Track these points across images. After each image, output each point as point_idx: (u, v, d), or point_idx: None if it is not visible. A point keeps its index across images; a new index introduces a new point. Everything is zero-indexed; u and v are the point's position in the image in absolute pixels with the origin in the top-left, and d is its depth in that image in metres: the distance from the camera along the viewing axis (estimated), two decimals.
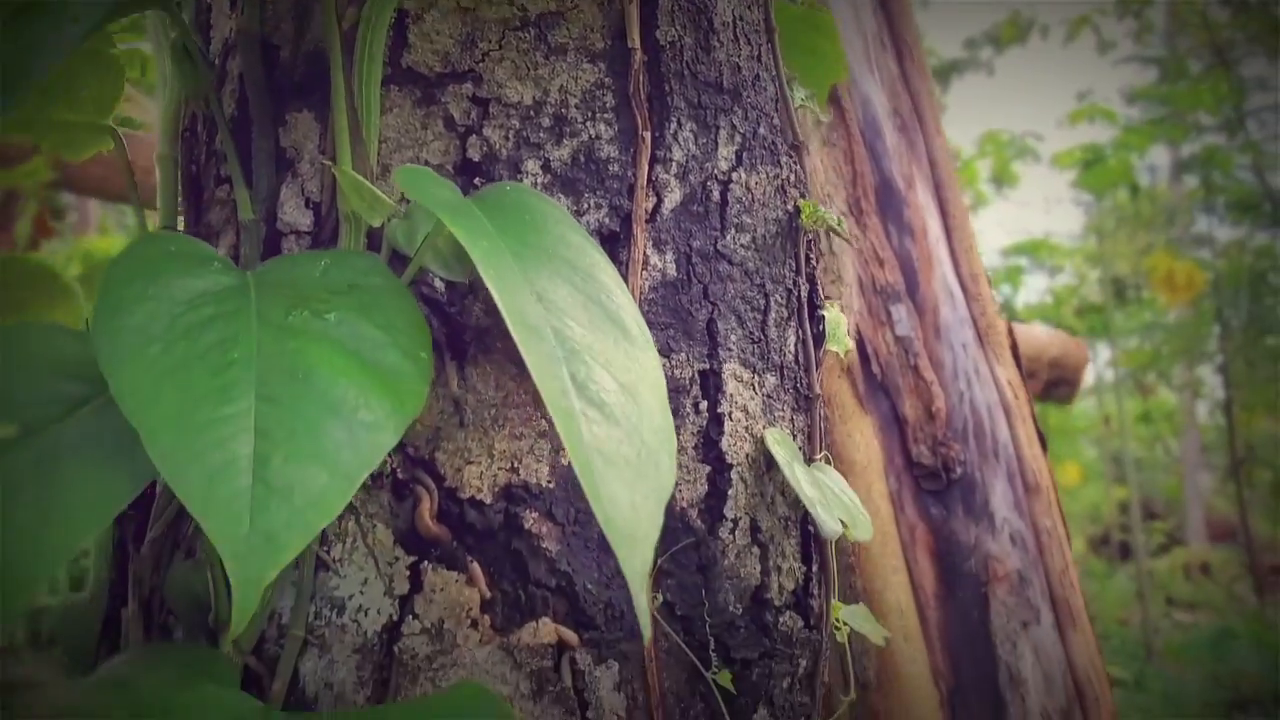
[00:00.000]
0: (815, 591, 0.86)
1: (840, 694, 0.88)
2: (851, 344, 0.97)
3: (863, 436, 1.40)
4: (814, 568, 0.85)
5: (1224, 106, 11.14)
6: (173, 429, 0.50)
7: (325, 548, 0.69)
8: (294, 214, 0.74)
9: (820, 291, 0.92)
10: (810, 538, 0.86)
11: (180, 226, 0.81)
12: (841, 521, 0.80)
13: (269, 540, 0.48)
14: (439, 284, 0.73)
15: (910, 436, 1.43)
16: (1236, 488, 8.02)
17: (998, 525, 1.43)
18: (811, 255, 0.90)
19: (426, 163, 0.74)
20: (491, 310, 0.74)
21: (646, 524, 0.52)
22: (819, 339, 0.91)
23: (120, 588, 0.74)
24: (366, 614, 0.68)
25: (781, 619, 0.81)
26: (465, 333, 0.73)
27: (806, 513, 0.86)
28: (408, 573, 0.68)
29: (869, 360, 1.42)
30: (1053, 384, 2.02)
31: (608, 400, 0.59)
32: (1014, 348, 1.55)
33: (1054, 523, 1.49)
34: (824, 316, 0.92)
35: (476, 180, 0.74)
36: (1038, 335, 1.99)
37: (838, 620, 0.90)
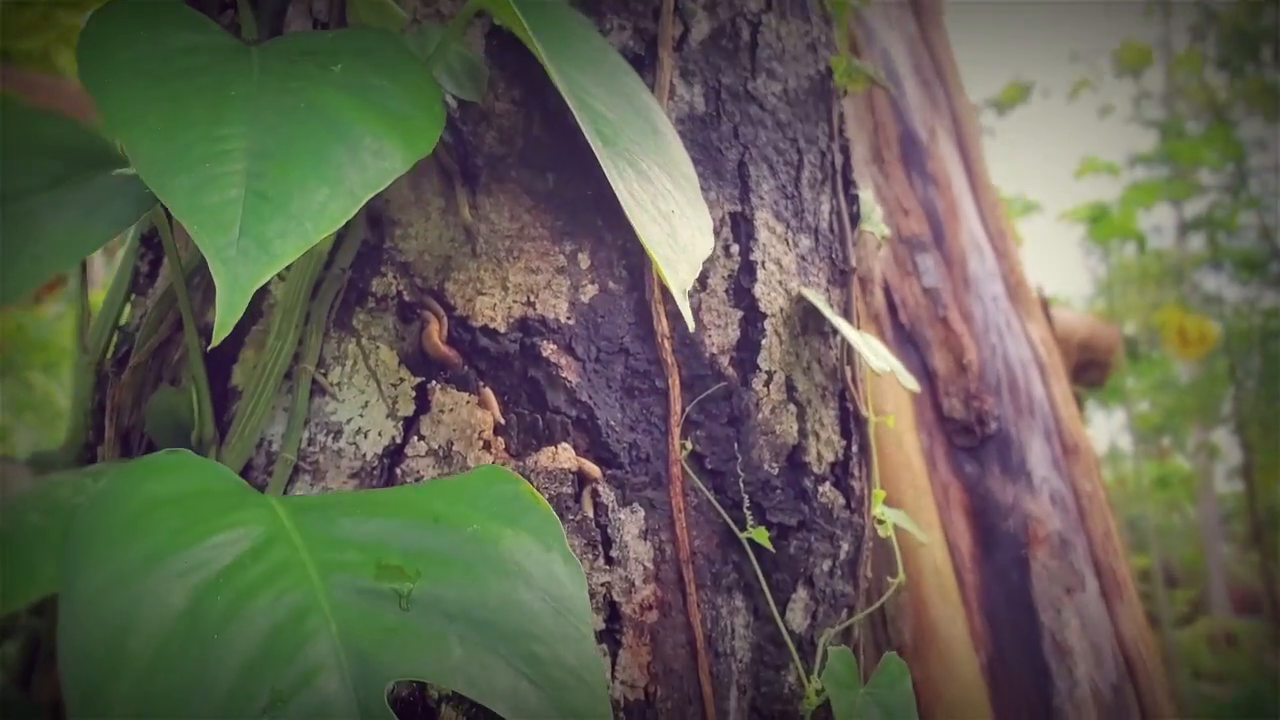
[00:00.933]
0: (856, 472, 0.78)
1: (887, 578, 0.80)
2: (884, 233, 0.91)
3: (891, 388, 1.33)
4: (854, 446, 0.78)
5: (1226, 165, 11.24)
6: (160, 142, 0.45)
7: (322, 370, 0.63)
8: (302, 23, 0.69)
9: (853, 166, 0.87)
10: (849, 415, 0.79)
11: None
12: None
13: (261, 246, 0.42)
14: (450, 100, 0.67)
15: (941, 390, 1.36)
16: (1260, 556, 7.84)
17: (1036, 484, 1.35)
18: (844, 125, 0.85)
19: None
20: (506, 139, 0.69)
21: (691, 235, 0.47)
22: (854, 216, 0.86)
23: (99, 425, 0.67)
24: (366, 436, 0.61)
25: (821, 490, 0.74)
26: (478, 157, 0.68)
27: (845, 387, 0.79)
28: (413, 394, 0.62)
29: (896, 310, 1.36)
30: (1083, 366, 1.94)
31: (651, 174, 0.55)
32: (1044, 306, 1.48)
33: (1095, 487, 1.41)
34: (858, 195, 0.87)
35: None
36: (1065, 318, 1.92)
37: (880, 515, 0.82)
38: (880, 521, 0.82)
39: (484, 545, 0.46)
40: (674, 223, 0.55)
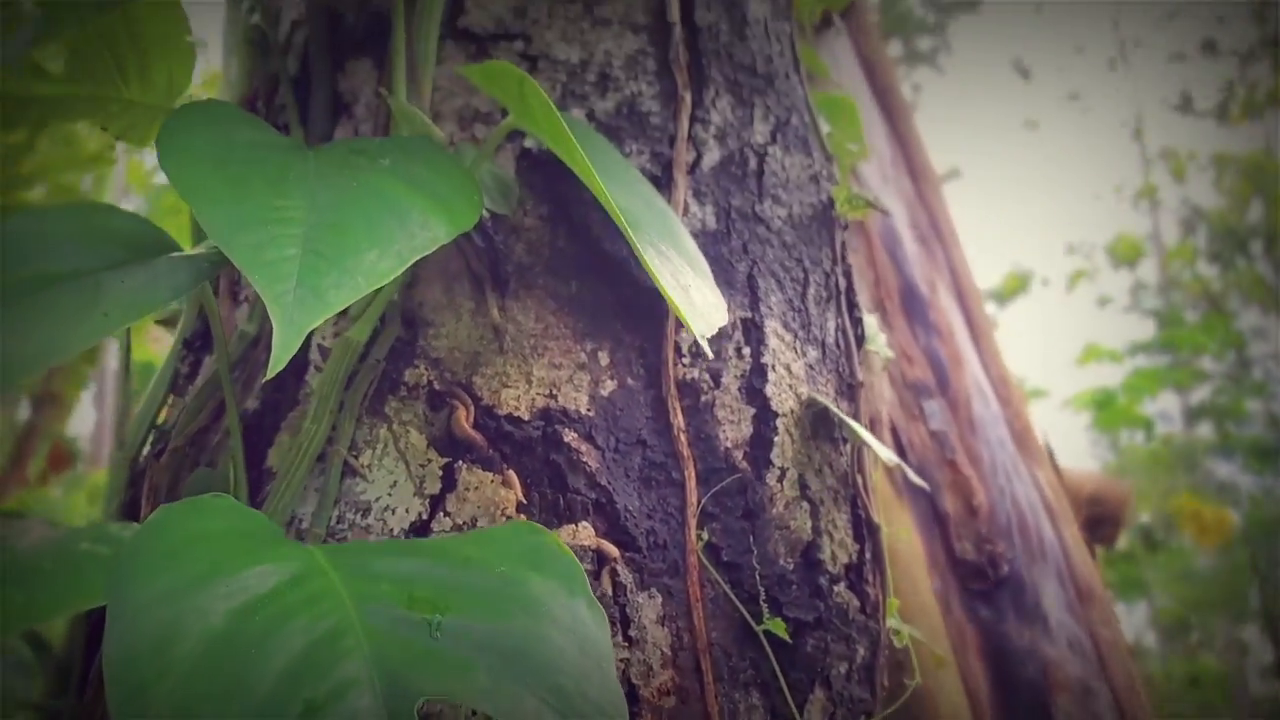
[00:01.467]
0: (870, 578, 0.79)
1: (904, 680, 0.79)
2: (889, 355, 0.95)
3: (904, 529, 1.34)
4: (867, 553, 0.80)
5: (1227, 353, 11.40)
6: (227, 208, 0.50)
7: (354, 452, 0.66)
8: None
9: (856, 291, 0.92)
10: (861, 522, 0.81)
11: None
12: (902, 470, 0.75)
13: (316, 294, 0.47)
14: (484, 212, 0.73)
15: (953, 533, 1.37)
16: None
17: (1053, 629, 1.34)
18: (846, 252, 0.91)
19: (476, 110, 0.77)
20: (533, 249, 0.74)
21: (707, 304, 0.51)
22: (859, 337, 0.90)
23: (132, 511, 0.69)
24: (393, 513, 0.63)
25: (836, 589, 0.74)
26: (507, 264, 0.73)
27: (856, 494, 0.81)
28: (440, 473, 0.64)
29: (905, 452, 1.39)
30: (1095, 522, 1.93)
31: (670, 257, 0.60)
32: (1050, 454, 1.51)
33: (1114, 635, 1.39)
34: (862, 318, 0.92)
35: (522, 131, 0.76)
36: (1073, 472, 1.93)
37: (896, 626, 0.83)
38: (896, 632, 0.83)
39: (512, 586, 0.47)
40: (692, 294, 0.60)
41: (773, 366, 0.77)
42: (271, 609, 0.43)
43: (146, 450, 0.75)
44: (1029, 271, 11.83)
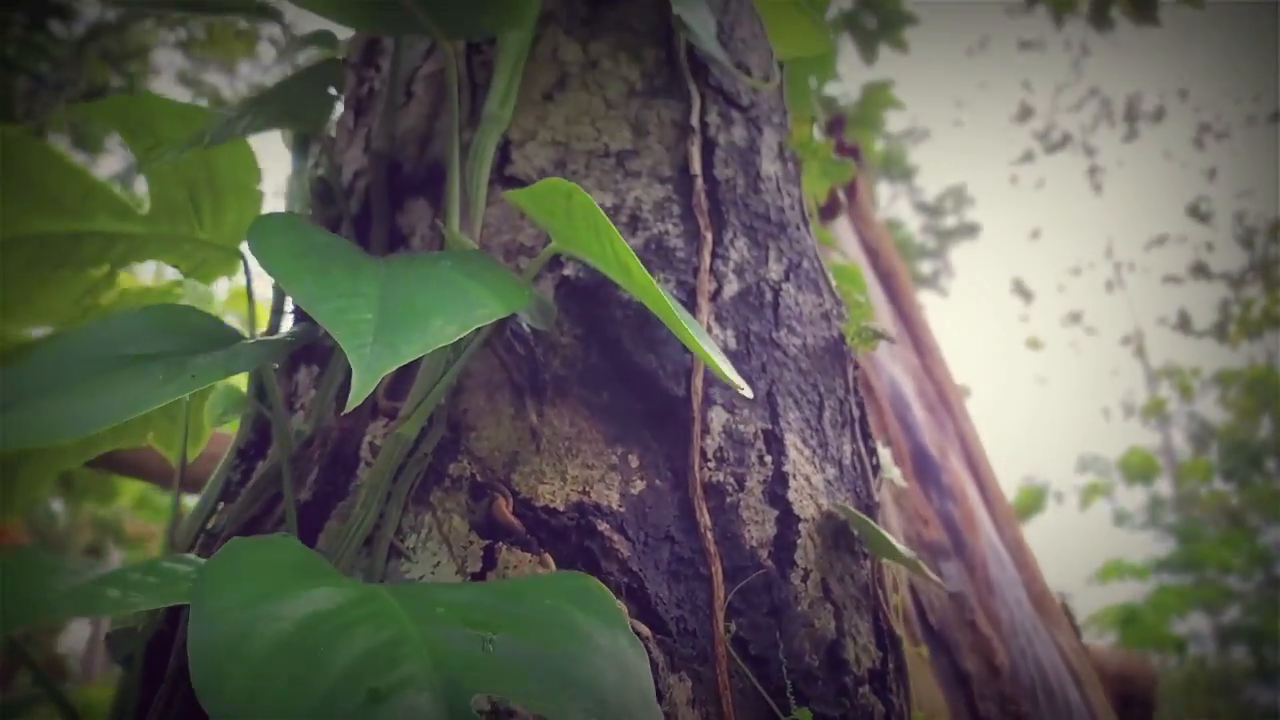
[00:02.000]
0: (894, 688, 0.80)
1: None
2: (904, 486, 0.99)
3: (926, 686, 1.33)
4: (890, 663, 0.81)
5: (1254, 572, 11.16)
6: (312, 284, 0.58)
7: (399, 537, 0.69)
8: None
9: (869, 423, 0.97)
10: (884, 632, 0.82)
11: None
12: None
13: (390, 347, 0.53)
14: (525, 327, 0.80)
15: (975, 693, 1.35)
16: None
17: None
18: (859, 384, 0.97)
19: (521, 244, 0.85)
20: (569, 363, 0.81)
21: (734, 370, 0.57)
22: (875, 465, 0.95)
23: None
24: None
25: (861, 690, 0.76)
26: (545, 374, 0.79)
27: (878, 605, 0.84)
28: (481, 554, 0.68)
29: (925, 612, 1.39)
30: (1124, 702, 1.85)
31: (702, 335, 0.66)
32: (1070, 617, 1.50)
33: None
34: (876, 448, 0.97)
35: (562, 258, 0.85)
36: (1095, 649, 1.88)
37: None
38: None
39: (558, 615, 0.51)
40: (720, 359, 0.65)
41: (793, 475, 0.81)
42: (335, 621, 0.47)
43: (195, 551, 0.78)
44: (1043, 485, 11.80)
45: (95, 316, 0.92)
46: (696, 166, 0.92)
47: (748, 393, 0.65)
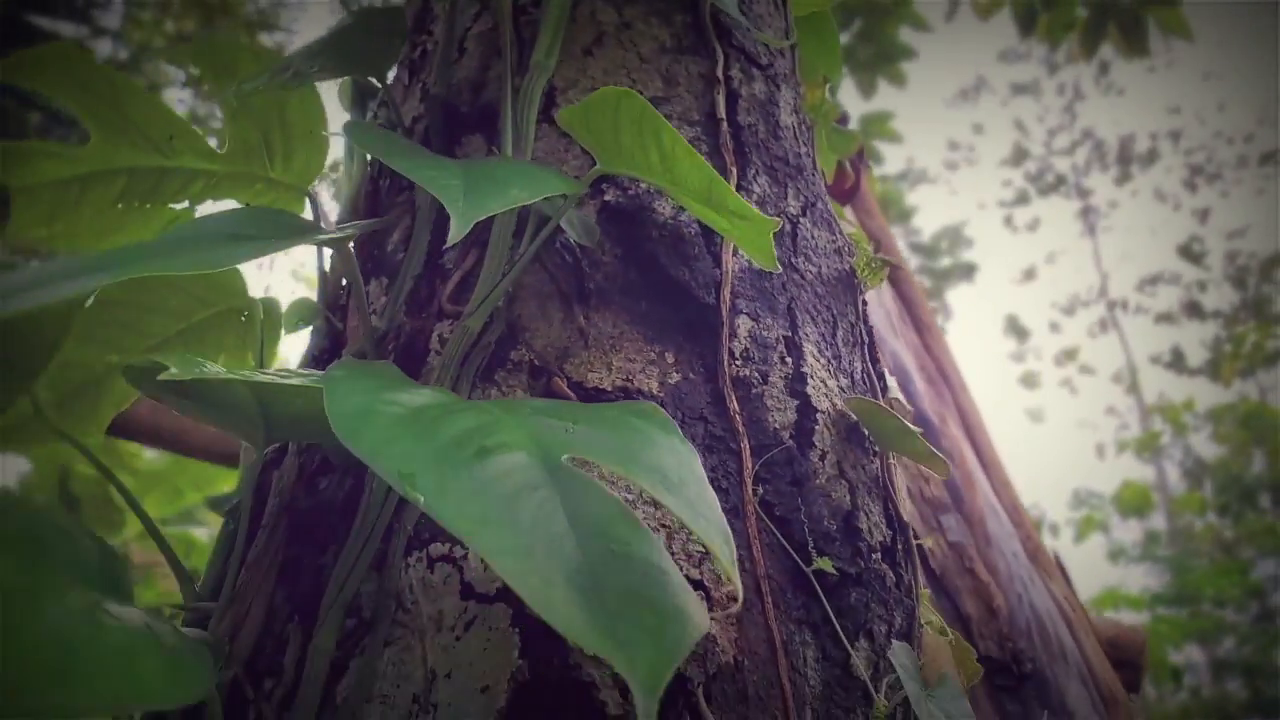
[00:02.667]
0: (903, 564, 0.89)
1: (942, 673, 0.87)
2: (909, 409, 1.09)
3: (929, 627, 1.41)
4: (899, 542, 0.90)
5: (1249, 603, 11.17)
6: (408, 161, 0.67)
7: None
8: None
9: (878, 349, 1.07)
10: (893, 517, 0.91)
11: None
12: None
13: (477, 202, 0.63)
14: (572, 241, 0.90)
15: (975, 632, 1.43)
16: None
17: None
18: (868, 315, 1.07)
19: (567, 174, 0.95)
20: (610, 278, 0.91)
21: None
22: (883, 387, 1.04)
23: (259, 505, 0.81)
24: None
25: (874, 557, 0.85)
26: (590, 283, 0.89)
27: (886, 495, 0.93)
28: None
29: (926, 559, 1.48)
30: (1115, 665, 1.93)
31: None
32: (1063, 570, 1.59)
33: None
34: (884, 373, 1.06)
35: (604, 186, 0.95)
36: (1089, 619, 1.96)
37: (929, 619, 0.91)
38: (928, 621, 0.91)
39: (625, 420, 0.60)
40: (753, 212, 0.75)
41: (811, 376, 0.91)
42: (442, 410, 0.56)
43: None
44: (1038, 519, 11.84)
45: None
46: (722, 112, 1.03)
47: (775, 268, 0.75)
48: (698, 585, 0.72)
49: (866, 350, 1.03)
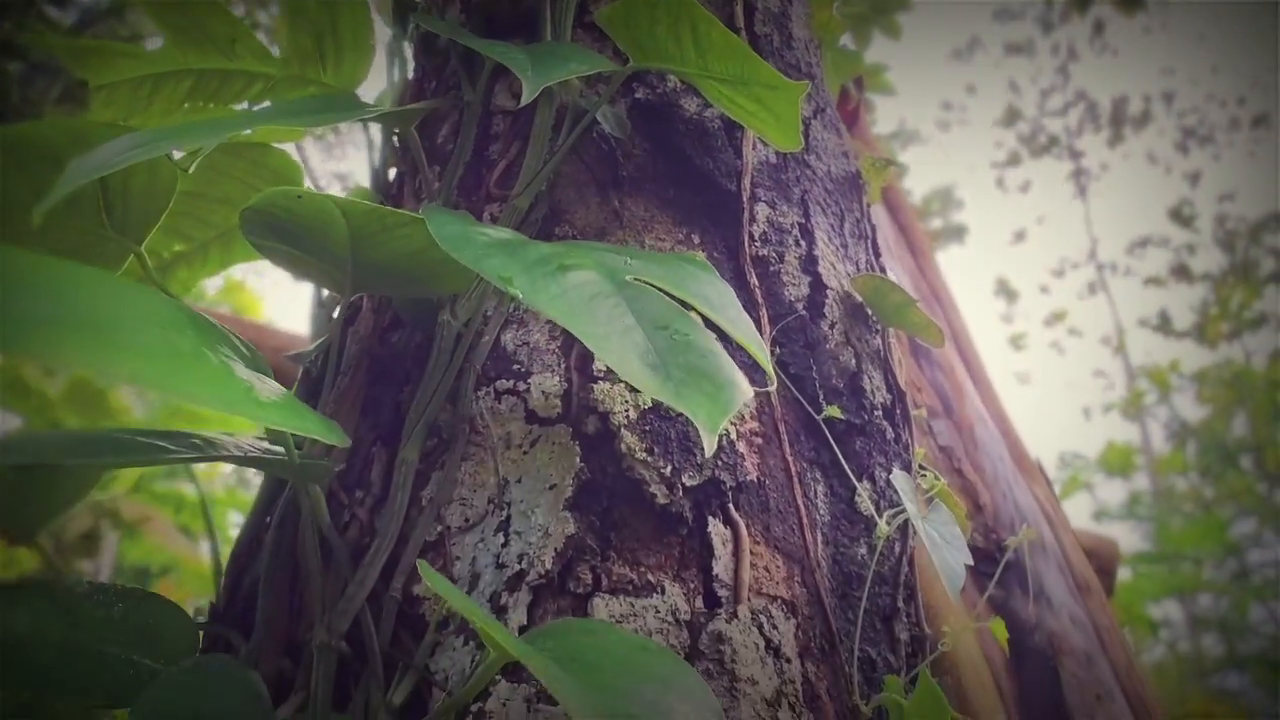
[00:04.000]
0: (901, 426, 1.00)
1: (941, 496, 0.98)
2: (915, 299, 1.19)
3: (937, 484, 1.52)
4: (897, 408, 1.01)
5: (1224, 558, 11.40)
6: (477, 41, 0.77)
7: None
8: (502, 99, 1.03)
9: (880, 251, 1.17)
10: (893, 385, 1.02)
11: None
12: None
13: (543, 72, 0.72)
14: (606, 131, 0.99)
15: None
16: None
17: (1056, 607, 1.50)
18: (871, 215, 1.17)
19: (600, 74, 1.05)
20: (640, 168, 1.00)
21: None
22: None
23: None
24: None
25: (876, 414, 0.96)
26: (623, 170, 0.99)
27: (887, 369, 1.04)
28: None
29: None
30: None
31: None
32: (1045, 475, 1.71)
33: (1111, 623, 1.55)
34: (886, 268, 1.16)
35: (634, 85, 1.04)
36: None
37: (931, 483, 1.02)
38: (924, 475, 1.02)
39: (672, 259, 0.70)
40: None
41: (822, 258, 1.01)
42: (519, 241, 0.66)
43: None
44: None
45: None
46: (740, 22, 1.12)
47: (799, 144, 0.84)
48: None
49: (870, 245, 1.14)
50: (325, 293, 1.00)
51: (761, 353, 0.63)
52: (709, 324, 0.68)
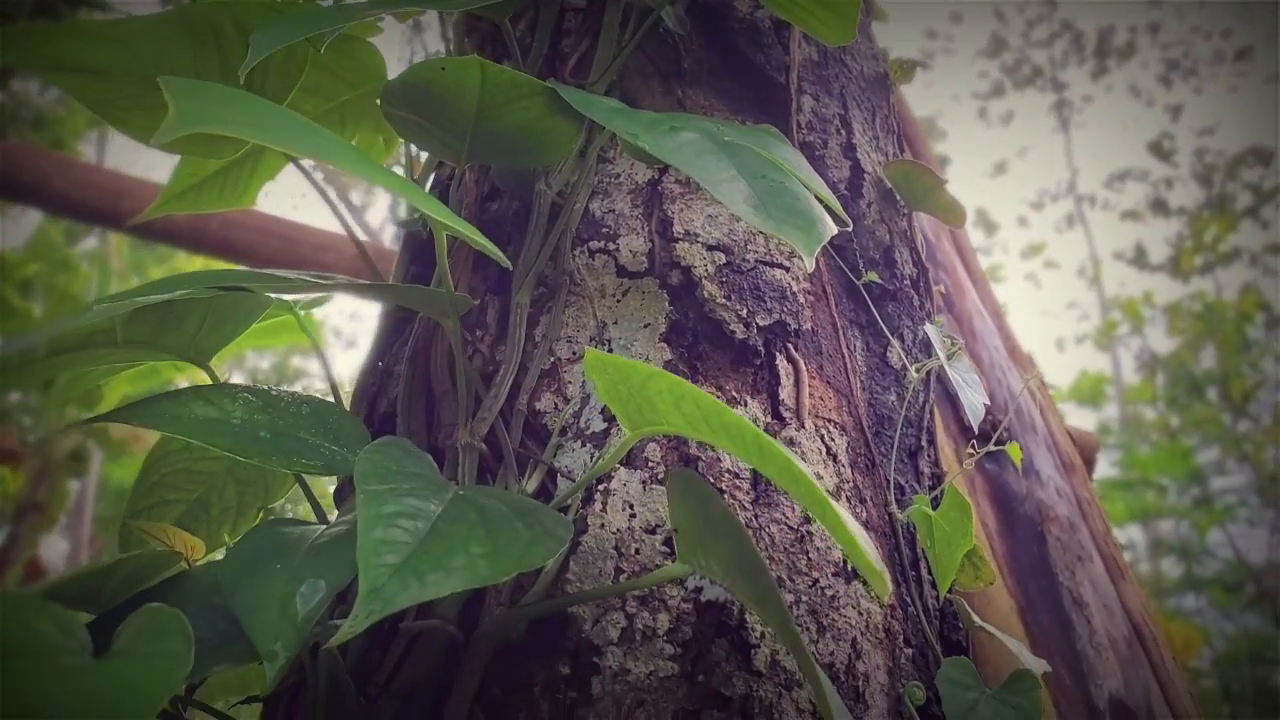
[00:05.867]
0: (923, 293, 1.14)
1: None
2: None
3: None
4: (921, 278, 1.15)
5: (1189, 485, 11.77)
6: None
7: (600, 151, 1.01)
8: None
9: (904, 140, 1.30)
10: (918, 261, 1.16)
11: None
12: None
13: None
14: (671, 26, 1.11)
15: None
16: None
17: (1044, 481, 1.66)
18: (897, 113, 1.29)
19: None
20: (698, 62, 1.12)
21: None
22: None
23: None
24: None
25: (905, 284, 1.09)
26: (684, 63, 1.11)
27: (913, 244, 1.17)
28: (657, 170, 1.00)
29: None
30: None
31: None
32: (1033, 365, 1.86)
33: (1091, 496, 1.72)
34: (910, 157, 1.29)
35: None
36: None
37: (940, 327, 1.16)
38: (946, 343, 1.16)
39: (752, 128, 0.83)
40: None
41: (859, 146, 1.14)
42: (631, 109, 0.78)
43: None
44: None
45: None
46: None
47: (851, 39, 0.96)
48: (779, 285, 0.96)
49: (896, 139, 1.26)
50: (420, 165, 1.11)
51: (833, 200, 0.76)
52: None
